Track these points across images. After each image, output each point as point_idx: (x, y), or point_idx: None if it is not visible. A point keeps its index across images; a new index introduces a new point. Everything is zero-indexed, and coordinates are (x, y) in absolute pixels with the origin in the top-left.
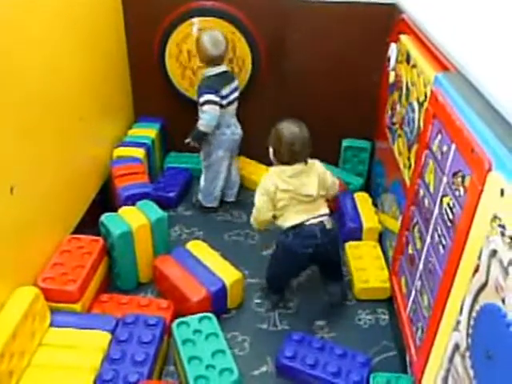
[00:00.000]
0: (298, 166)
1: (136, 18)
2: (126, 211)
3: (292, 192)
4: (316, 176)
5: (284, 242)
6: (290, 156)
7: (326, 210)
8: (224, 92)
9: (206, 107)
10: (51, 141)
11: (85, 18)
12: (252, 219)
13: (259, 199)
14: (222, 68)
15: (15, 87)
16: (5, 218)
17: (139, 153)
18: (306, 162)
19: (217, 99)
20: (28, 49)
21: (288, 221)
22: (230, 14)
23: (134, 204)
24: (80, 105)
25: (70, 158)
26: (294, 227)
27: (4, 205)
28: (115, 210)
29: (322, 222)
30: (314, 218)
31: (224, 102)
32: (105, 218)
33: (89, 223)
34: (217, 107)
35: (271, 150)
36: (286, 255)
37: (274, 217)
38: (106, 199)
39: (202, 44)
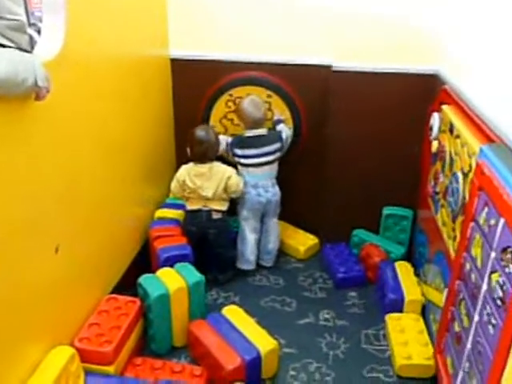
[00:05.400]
0: (203, 169)
1: (183, 87)
2: (164, 273)
3: (193, 189)
4: (217, 180)
5: (184, 220)
6: (200, 155)
7: (221, 207)
8: (249, 152)
9: None
10: (97, 202)
11: (135, 86)
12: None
13: (173, 184)
14: (261, 132)
15: (65, 151)
16: (48, 277)
17: (179, 215)
18: (211, 162)
19: (225, 147)
20: (78, 118)
21: (188, 206)
22: (273, 83)
23: (172, 266)
24: (126, 167)
25: (114, 219)
26: (190, 211)
27: (48, 264)
28: (154, 271)
29: (210, 211)
30: (205, 208)
31: (246, 162)
32: (143, 279)
33: (128, 283)
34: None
35: (188, 149)
36: (185, 231)
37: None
38: (146, 259)
39: (243, 109)
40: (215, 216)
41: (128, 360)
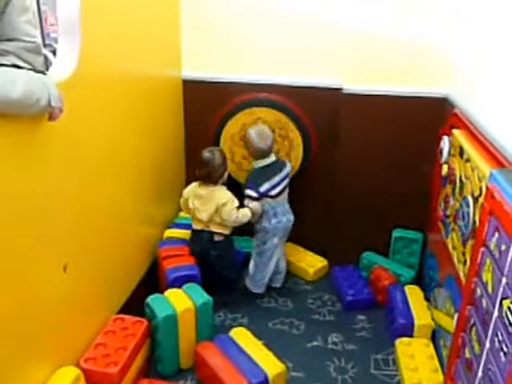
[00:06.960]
0: (202, 191)
1: (194, 107)
2: (172, 293)
3: (192, 209)
4: (214, 205)
5: (190, 239)
6: (203, 176)
7: (222, 230)
8: (273, 181)
9: (246, 201)
10: (106, 221)
11: (147, 107)
12: None
13: (181, 199)
14: (271, 159)
15: (76, 170)
16: (55, 295)
17: (188, 235)
18: (214, 186)
19: (254, 194)
20: (90, 137)
21: (193, 225)
22: (283, 105)
23: (180, 286)
24: (136, 187)
25: (123, 239)
26: (195, 230)
27: (56, 283)
28: (162, 291)
29: (211, 233)
30: (207, 228)
31: (275, 192)
32: (151, 299)
33: (135, 303)
34: (255, 203)
35: (197, 169)
36: (191, 250)
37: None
38: (154, 279)
39: (249, 139)
40: (217, 238)
41: (134, 381)
